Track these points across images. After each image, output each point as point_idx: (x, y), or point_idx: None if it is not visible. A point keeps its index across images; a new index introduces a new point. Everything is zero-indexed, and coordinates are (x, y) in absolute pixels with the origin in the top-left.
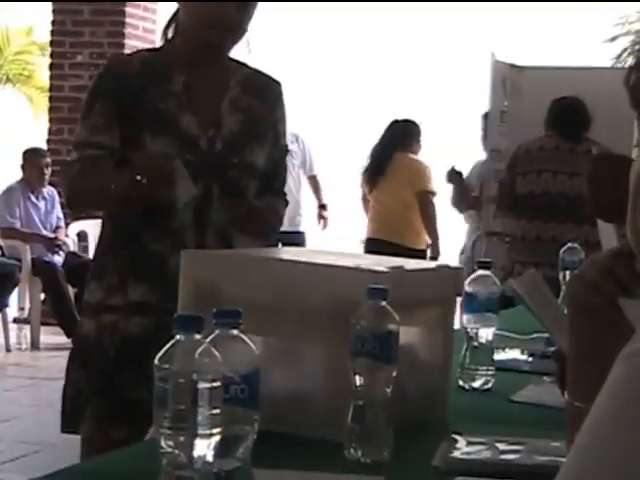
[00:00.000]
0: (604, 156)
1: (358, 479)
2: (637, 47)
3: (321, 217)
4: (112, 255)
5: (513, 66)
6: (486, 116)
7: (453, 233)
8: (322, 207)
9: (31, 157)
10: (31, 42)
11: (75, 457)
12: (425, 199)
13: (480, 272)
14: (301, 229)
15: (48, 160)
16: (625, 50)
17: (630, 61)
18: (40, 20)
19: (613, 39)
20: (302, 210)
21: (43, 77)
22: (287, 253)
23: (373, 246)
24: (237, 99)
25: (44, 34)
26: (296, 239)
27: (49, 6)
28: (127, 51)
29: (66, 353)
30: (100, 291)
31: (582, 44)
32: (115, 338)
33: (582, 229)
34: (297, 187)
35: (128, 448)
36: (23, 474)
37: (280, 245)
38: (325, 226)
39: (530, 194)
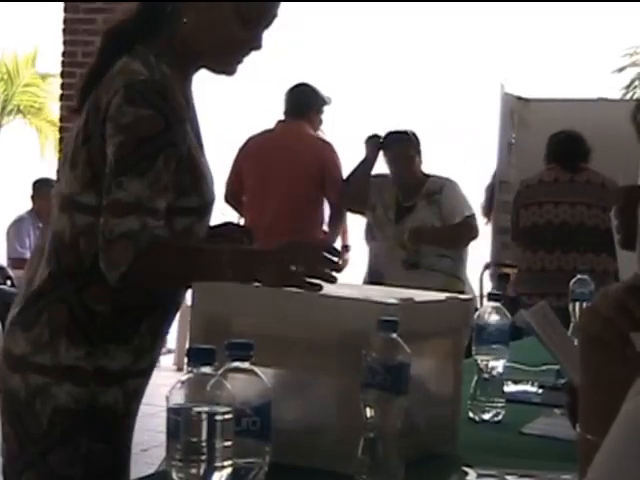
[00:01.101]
0: (632, 189)
1: None
2: None
3: (341, 258)
4: (47, 303)
5: (520, 98)
6: (490, 188)
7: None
8: (345, 248)
9: (41, 188)
10: (36, 74)
11: None
12: None
13: (490, 304)
14: None
15: None
16: (634, 81)
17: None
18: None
19: (621, 70)
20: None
21: (54, 110)
22: None
23: None
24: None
25: (49, 59)
26: None
27: (56, 29)
28: None
29: None
30: (26, 343)
31: (591, 75)
32: (47, 406)
33: (587, 257)
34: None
35: (141, 479)
36: None
37: None
38: (343, 266)
39: (534, 225)
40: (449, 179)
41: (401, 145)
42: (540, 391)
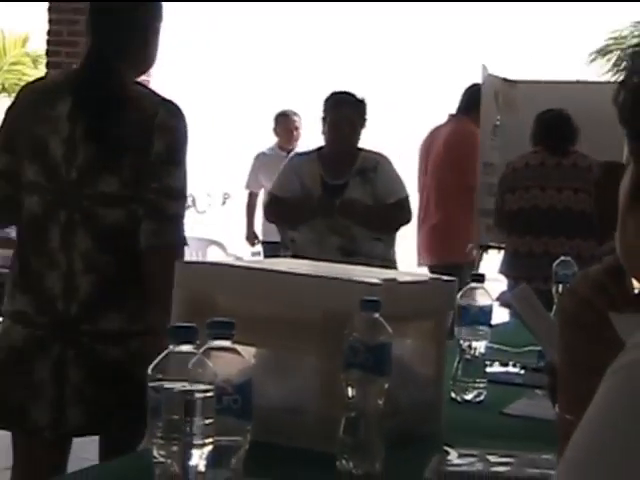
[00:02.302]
0: (610, 165)
1: None
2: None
3: None
4: (13, 268)
5: (505, 80)
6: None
7: None
8: None
9: None
10: (25, 54)
11: (68, 467)
12: None
13: (473, 284)
14: None
15: None
16: (619, 62)
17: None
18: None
19: (604, 52)
20: None
21: None
22: (280, 265)
23: None
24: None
25: (39, 43)
26: None
27: (46, 13)
28: None
29: None
30: (5, 297)
31: (574, 58)
32: (3, 342)
33: (574, 242)
34: None
35: (121, 458)
36: None
37: None
38: None
39: (520, 210)
40: (382, 155)
41: (345, 108)
42: (522, 372)
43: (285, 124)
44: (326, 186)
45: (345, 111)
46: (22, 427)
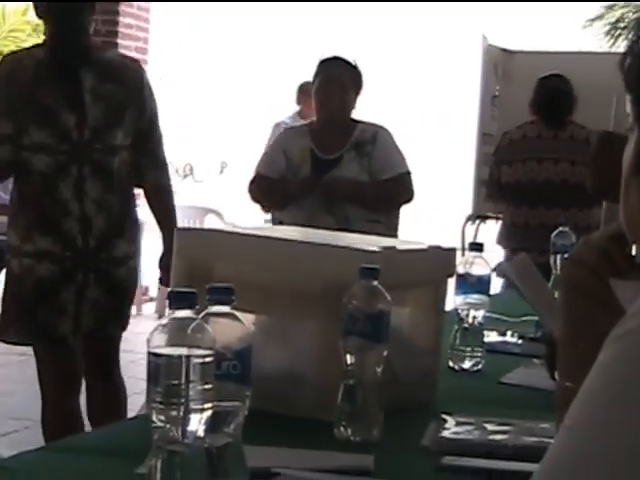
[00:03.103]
0: (607, 135)
1: (348, 457)
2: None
3: None
4: (22, 213)
5: (504, 50)
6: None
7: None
8: None
9: None
10: (25, 22)
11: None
12: None
13: (472, 254)
14: None
15: None
16: (617, 23)
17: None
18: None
19: (598, 18)
20: None
21: None
22: (280, 232)
23: None
24: (95, 89)
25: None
26: None
27: None
28: (121, 34)
29: None
30: (16, 238)
31: (568, 26)
32: (28, 277)
33: (570, 213)
34: None
35: (119, 423)
36: (14, 449)
37: None
38: None
39: (517, 182)
40: (382, 127)
41: (336, 71)
42: (520, 342)
43: (306, 92)
44: (317, 161)
45: (336, 72)
46: (50, 339)
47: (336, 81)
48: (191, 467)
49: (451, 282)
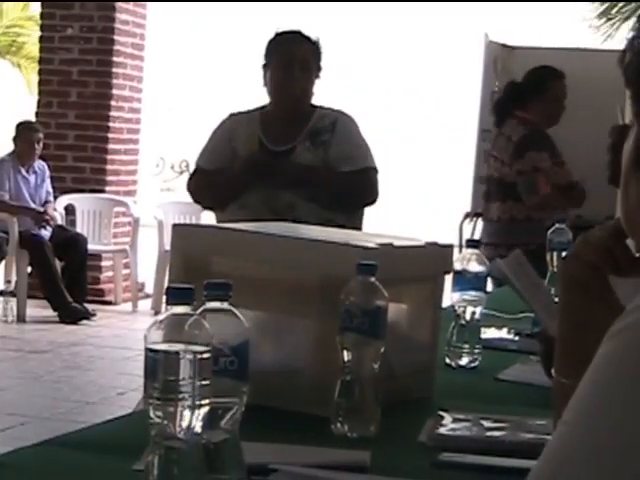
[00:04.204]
0: (622, 128)
1: (345, 454)
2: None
3: None
4: None
5: (505, 46)
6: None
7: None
8: None
9: (24, 131)
10: (26, 17)
11: (62, 428)
12: None
13: (469, 250)
14: None
15: (41, 135)
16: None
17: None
18: None
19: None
20: None
21: (34, 49)
22: (277, 228)
23: None
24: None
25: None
26: None
27: None
28: (117, 30)
29: (52, 326)
30: None
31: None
32: None
33: (507, 204)
34: None
35: (117, 419)
36: (9, 445)
37: None
38: None
39: (486, 178)
40: (345, 113)
41: (297, 48)
42: (516, 338)
43: None
44: (265, 154)
45: (297, 50)
46: None
47: (298, 60)
48: (188, 463)
49: (448, 279)
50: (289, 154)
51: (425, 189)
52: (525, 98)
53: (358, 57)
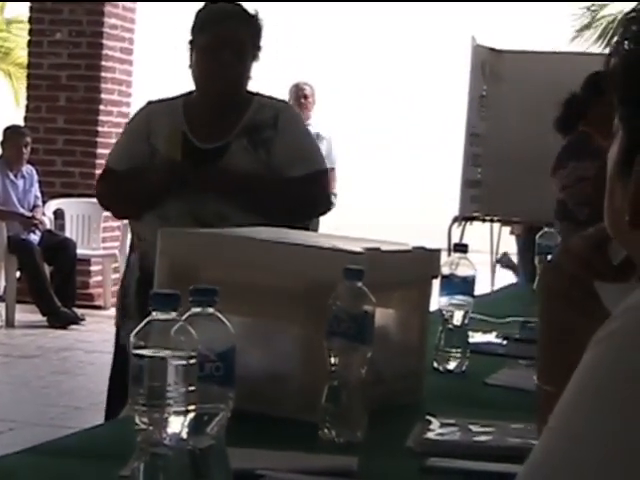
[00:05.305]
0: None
1: (332, 459)
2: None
3: None
4: None
5: (493, 50)
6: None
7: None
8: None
9: (11, 136)
10: (5, 20)
11: (50, 434)
12: None
13: (457, 255)
14: None
15: (28, 139)
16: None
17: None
18: None
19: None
20: None
21: (22, 54)
22: (264, 233)
23: None
24: None
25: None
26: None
27: None
28: (106, 34)
29: (41, 331)
30: None
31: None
32: None
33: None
34: None
35: (103, 425)
36: None
37: None
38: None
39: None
40: (286, 103)
41: (231, 26)
42: (504, 342)
43: (295, 94)
44: (192, 152)
45: (230, 29)
46: None
47: (230, 43)
48: (174, 469)
49: (436, 283)
50: (222, 153)
51: (414, 193)
52: (585, 107)
53: (346, 60)
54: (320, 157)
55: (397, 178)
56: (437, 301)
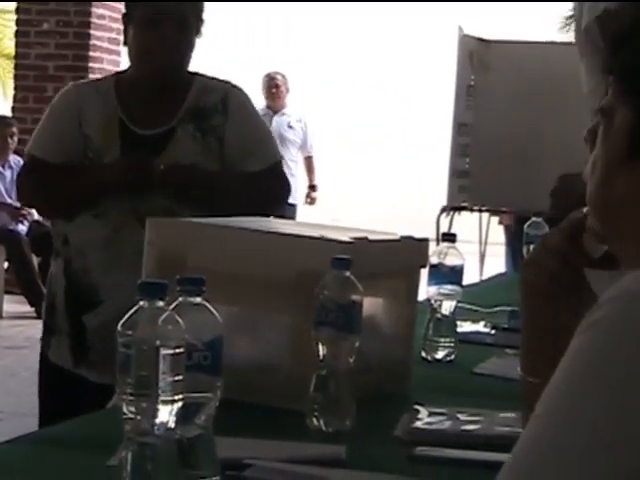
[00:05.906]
0: (567, 175)
1: (320, 448)
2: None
3: (309, 196)
4: None
5: (481, 40)
6: None
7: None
8: (312, 187)
9: None
10: None
11: (38, 424)
12: None
13: (445, 244)
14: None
15: (14, 129)
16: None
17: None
18: None
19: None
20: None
21: (9, 45)
22: (252, 223)
23: None
24: None
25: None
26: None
27: None
28: (94, 24)
29: (29, 322)
30: None
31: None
32: None
33: None
34: (294, 164)
35: (91, 414)
36: None
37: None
38: (312, 203)
39: None
40: (234, 85)
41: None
42: (492, 332)
43: (267, 84)
44: (131, 138)
45: (167, 4)
46: None
47: (170, 17)
48: (162, 458)
49: (424, 273)
50: (165, 141)
51: (402, 184)
52: None
53: (337, 54)
54: (274, 146)
55: (388, 171)
56: (425, 290)
